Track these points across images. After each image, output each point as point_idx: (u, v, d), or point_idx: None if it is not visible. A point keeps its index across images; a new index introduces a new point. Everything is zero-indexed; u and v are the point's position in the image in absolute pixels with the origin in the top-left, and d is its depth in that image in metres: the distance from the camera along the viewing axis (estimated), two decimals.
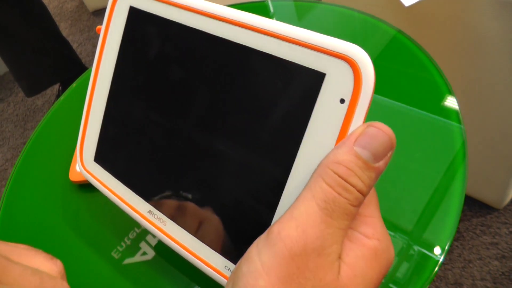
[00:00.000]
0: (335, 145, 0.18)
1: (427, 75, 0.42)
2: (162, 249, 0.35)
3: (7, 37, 1.04)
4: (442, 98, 0.40)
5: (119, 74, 0.27)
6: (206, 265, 0.23)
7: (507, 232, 0.86)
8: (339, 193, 0.17)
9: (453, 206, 0.32)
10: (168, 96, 0.24)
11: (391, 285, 0.30)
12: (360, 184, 0.17)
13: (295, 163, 0.19)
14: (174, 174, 0.24)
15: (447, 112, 0.38)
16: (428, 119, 0.38)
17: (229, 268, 0.22)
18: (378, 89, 0.42)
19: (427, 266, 0.30)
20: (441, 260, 0.30)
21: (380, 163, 0.17)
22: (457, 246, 0.87)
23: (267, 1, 0.57)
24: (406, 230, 0.32)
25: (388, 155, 0.18)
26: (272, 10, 0.55)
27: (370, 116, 0.41)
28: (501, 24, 0.54)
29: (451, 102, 0.39)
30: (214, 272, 0.22)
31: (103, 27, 0.27)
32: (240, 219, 0.21)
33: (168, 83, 0.24)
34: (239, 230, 0.22)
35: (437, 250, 0.31)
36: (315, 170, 0.18)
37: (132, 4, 0.25)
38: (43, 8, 1.11)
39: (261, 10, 0.56)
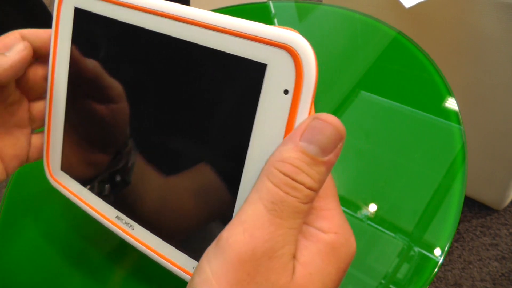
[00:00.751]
0: (283, 137, 0.17)
1: (427, 76, 0.42)
2: None
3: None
4: (441, 99, 0.40)
5: (73, 79, 0.26)
6: (176, 267, 0.23)
7: (507, 233, 0.86)
8: (287, 193, 0.16)
9: (453, 207, 0.33)
10: (118, 96, 0.24)
11: (391, 286, 0.30)
12: (309, 181, 0.16)
13: (247, 159, 0.18)
14: (135, 177, 0.24)
15: (447, 113, 0.38)
16: (428, 120, 0.39)
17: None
18: (378, 90, 0.42)
19: (427, 267, 0.30)
20: (440, 261, 0.30)
21: (330, 156, 0.17)
22: (457, 247, 0.87)
23: (268, 2, 0.57)
24: (405, 231, 0.32)
25: (338, 146, 0.17)
26: (273, 11, 0.56)
27: (370, 116, 0.41)
28: (500, 25, 0.55)
29: (450, 103, 0.39)
30: (184, 273, 0.22)
31: (52, 29, 0.27)
32: (202, 218, 0.22)
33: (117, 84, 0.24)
34: (202, 230, 0.22)
35: (436, 251, 0.31)
36: (262, 169, 0.17)
37: (76, 5, 0.25)
38: (44, 8, 1.11)
39: (262, 11, 0.56)
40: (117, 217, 0.25)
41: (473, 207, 0.90)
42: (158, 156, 0.23)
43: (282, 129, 0.17)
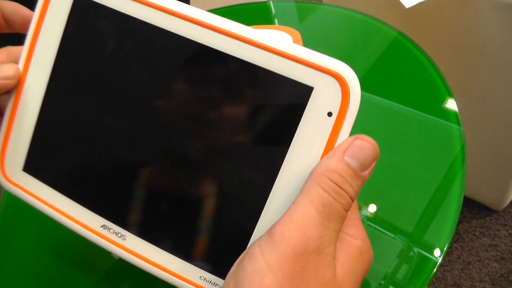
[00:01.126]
0: (321, 155, 0.19)
1: (427, 76, 0.42)
2: None
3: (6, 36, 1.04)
4: (441, 99, 0.40)
5: (60, 68, 0.23)
6: (179, 278, 0.21)
7: (506, 234, 0.86)
8: (334, 198, 0.18)
9: (452, 208, 0.33)
10: (130, 97, 0.22)
11: (390, 286, 0.30)
12: (351, 190, 0.19)
13: (280, 173, 0.20)
14: (135, 182, 0.22)
15: (447, 114, 0.38)
16: (428, 121, 0.39)
17: (204, 278, 0.21)
18: (379, 90, 0.42)
19: (426, 267, 0.30)
20: (439, 261, 0.30)
21: (366, 172, 0.19)
22: (456, 247, 0.87)
23: (269, 2, 0.57)
24: (405, 231, 0.33)
25: (373, 165, 0.19)
26: (274, 11, 0.56)
27: (370, 117, 0.41)
28: (500, 26, 0.55)
29: (450, 104, 0.39)
30: (189, 285, 0.21)
31: (36, 14, 0.23)
32: (219, 228, 0.21)
33: (132, 83, 0.22)
34: (216, 239, 0.21)
35: (436, 252, 0.31)
36: (309, 177, 0.19)
37: None
38: None
39: (263, 11, 0.56)
40: (104, 226, 0.23)
41: (472, 208, 0.91)
42: (174, 161, 0.21)
43: (322, 147, 0.19)
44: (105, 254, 0.36)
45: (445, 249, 0.31)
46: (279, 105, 0.19)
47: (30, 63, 0.24)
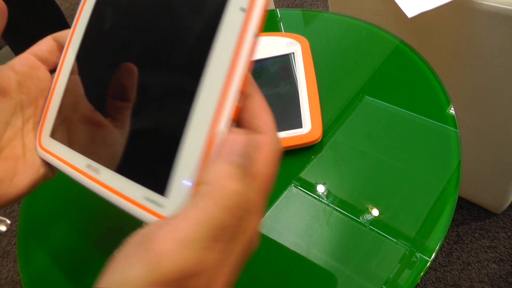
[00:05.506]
0: (236, 45, 0.20)
1: (426, 82, 0.44)
2: None
3: (22, 38, 1.07)
4: (439, 104, 0.41)
5: (82, 47, 0.28)
6: (127, 200, 0.22)
7: (505, 236, 0.87)
8: (231, 223, 0.17)
9: (447, 207, 0.34)
10: (112, 53, 0.26)
11: (383, 286, 0.31)
12: (252, 201, 0.19)
13: (204, 74, 0.20)
14: (104, 122, 0.25)
15: (445, 118, 0.40)
16: (426, 124, 0.40)
17: (147, 198, 0.22)
18: (380, 94, 0.44)
19: (418, 266, 0.31)
20: (431, 258, 0.31)
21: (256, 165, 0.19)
22: (456, 249, 0.88)
23: (276, 10, 0.59)
24: (398, 231, 0.34)
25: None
26: (279, 17, 0.58)
27: (372, 119, 0.42)
28: (497, 35, 0.56)
29: (448, 108, 0.40)
30: (135, 207, 0.22)
31: (75, 17, 0.28)
32: (152, 141, 0.22)
33: (108, 42, 0.26)
34: (151, 154, 0.22)
35: (429, 251, 0.32)
36: (205, 193, 0.17)
37: None
38: (58, 10, 1.14)
39: (269, 17, 0.58)
40: (88, 165, 0.25)
41: (472, 211, 0.91)
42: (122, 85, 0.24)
43: (236, 38, 0.20)
44: None
45: (437, 248, 0.32)
46: (205, 12, 0.22)
47: (67, 53, 0.28)
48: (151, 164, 0.22)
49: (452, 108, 0.40)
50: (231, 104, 0.20)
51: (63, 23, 1.17)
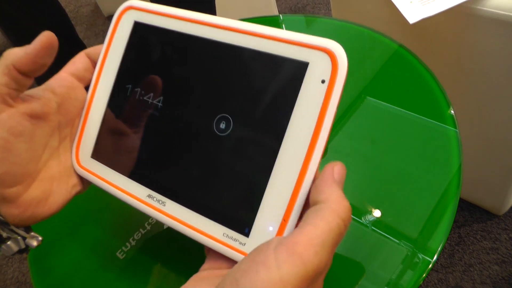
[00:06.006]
0: (318, 115, 0.22)
1: (425, 84, 0.44)
2: (165, 248, 0.37)
3: (28, 40, 1.08)
4: (438, 104, 0.42)
5: (122, 76, 0.29)
6: (203, 235, 0.24)
7: (507, 238, 0.87)
8: (342, 231, 0.20)
9: (448, 208, 0.34)
10: (168, 89, 0.27)
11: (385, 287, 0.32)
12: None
13: (287, 133, 0.23)
14: (172, 158, 0.26)
15: (444, 118, 0.40)
16: (427, 124, 0.40)
17: (227, 235, 0.24)
18: (381, 96, 0.44)
19: (420, 267, 0.32)
20: (433, 259, 0.32)
21: None
22: (458, 250, 0.88)
23: (279, 16, 0.60)
24: (400, 232, 0.34)
25: None
26: (283, 24, 0.59)
27: (373, 121, 0.42)
28: (499, 40, 0.57)
29: (447, 109, 0.41)
30: (213, 241, 0.24)
31: (106, 37, 0.30)
32: (235, 187, 0.24)
33: (169, 81, 0.27)
34: (235, 198, 0.24)
35: (430, 252, 0.32)
36: (327, 204, 0.21)
37: (136, 19, 0.29)
38: (63, 13, 1.15)
39: (273, 24, 0.59)
40: (149, 195, 0.27)
41: (474, 212, 0.91)
42: (197, 136, 0.26)
43: (319, 108, 0.22)
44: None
45: (439, 249, 0.32)
46: (285, 79, 0.23)
47: (102, 73, 0.30)
48: (233, 205, 0.24)
49: (452, 109, 0.41)
50: (319, 159, 0.22)
51: (69, 27, 1.18)
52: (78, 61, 0.30)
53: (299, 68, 0.23)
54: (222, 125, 0.25)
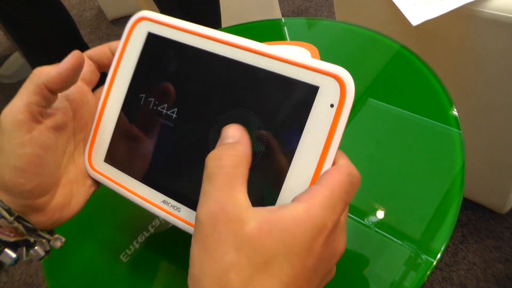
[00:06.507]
0: (327, 137, 0.23)
1: (427, 84, 0.44)
2: (168, 252, 0.37)
3: (34, 44, 1.08)
4: (442, 106, 0.42)
5: (136, 85, 0.30)
6: None
7: (510, 236, 0.87)
8: (349, 191, 0.23)
9: (452, 208, 0.34)
10: (183, 101, 0.28)
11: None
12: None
13: (297, 151, 0.24)
14: (187, 168, 0.27)
15: (448, 119, 0.40)
16: (430, 126, 0.41)
17: None
18: (383, 97, 0.45)
19: (424, 268, 0.32)
20: (437, 259, 0.32)
21: None
22: (461, 249, 0.88)
23: (281, 19, 0.61)
24: (403, 232, 0.34)
25: None
26: (286, 27, 0.59)
27: (376, 121, 0.42)
28: (500, 41, 0.57)
29: (450, 109, 0.41)
30: None
31: (119, 46, 0.30)
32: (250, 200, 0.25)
33: (185, 93, 0.28)
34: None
35: (434, 252, 0.32)
36: (335, 167, 0.23)
37: (150, 31, 0.30)
38: (69, 17, 1.16)
39: (275, 27, 0.59)
40: (164, 201, 0.28)
41: (477, 211, 0.92)
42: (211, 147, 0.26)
43: (327, 130, 0.23)
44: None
45: (442, 248, 0.32)
46: (296, 101, 0.25)
47: (114, 81, 0.30)
48: None
49: (455, 109, 0.41)
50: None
51: (74, 31, 1.18)
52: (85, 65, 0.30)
53: (310, 92, 0.24)
54: None
